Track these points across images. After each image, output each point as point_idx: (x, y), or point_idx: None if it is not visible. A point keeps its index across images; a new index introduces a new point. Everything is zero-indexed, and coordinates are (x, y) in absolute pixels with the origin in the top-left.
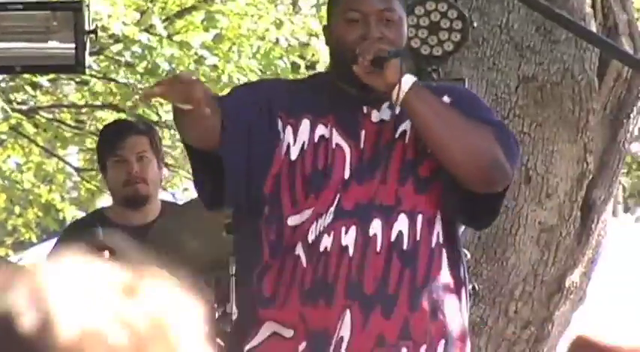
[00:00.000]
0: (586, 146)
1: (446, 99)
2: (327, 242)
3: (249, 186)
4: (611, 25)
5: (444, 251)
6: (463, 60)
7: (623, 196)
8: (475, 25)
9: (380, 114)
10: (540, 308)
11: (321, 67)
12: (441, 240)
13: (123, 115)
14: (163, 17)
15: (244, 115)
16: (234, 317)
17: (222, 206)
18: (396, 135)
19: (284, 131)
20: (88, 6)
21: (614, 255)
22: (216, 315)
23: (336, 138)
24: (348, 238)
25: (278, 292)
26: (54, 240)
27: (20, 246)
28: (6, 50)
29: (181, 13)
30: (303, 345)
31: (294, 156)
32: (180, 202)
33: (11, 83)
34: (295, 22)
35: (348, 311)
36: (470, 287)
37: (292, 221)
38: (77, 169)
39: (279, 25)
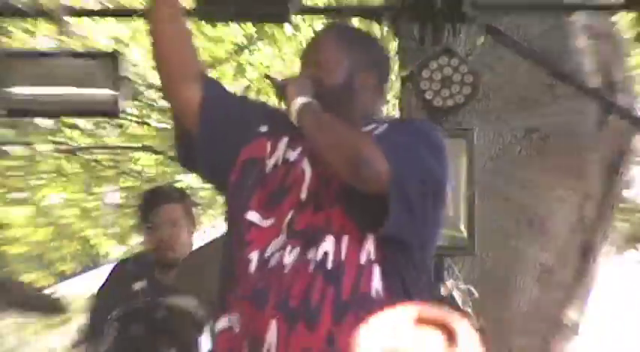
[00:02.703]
0: (585, 193)
1: (382, 127)
2: (275, 259)
3: (219, 152)
4: (610, 82)
5: (376, 266)
6: (473, 111)
7: (619, 239)
8: (484, 78)
9: None
10: (540, 341)
11: None
12: (372, 257)
13: (160, 157)
14: None
15: (230, 103)
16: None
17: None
18: None
19: (266, 140)
20: (124, 56)
21: (607, 292)
22: None
23: (303, 163)
24: (290, 256)
25: (239, 280)
26: (89, 273)
27: (58, 277)
28: (51, 95)
29: (213, 64)
30: (245, 343)
31: (268, 168)
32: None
33: (55, 126)
34: None
35: (274, 321)
36: (476, 323)
37: (249, 217)
38: (114, 205)
39: None
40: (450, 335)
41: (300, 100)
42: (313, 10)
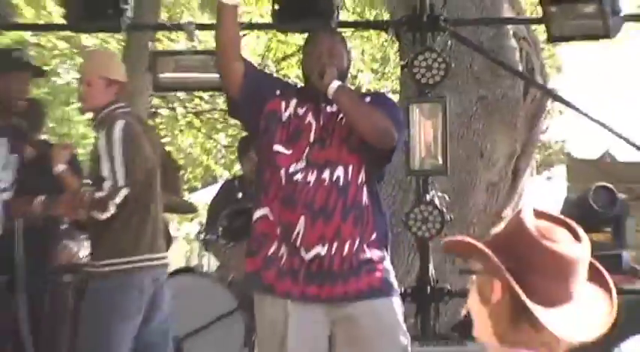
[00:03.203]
0: (515, 137)
1: (367, 99)
2: (299, 176)
3: (253, 109)
4: (530, 67)
5: (364, 187)
6: (445, 86)
7: (536, 165)
8: (453, 65)
9: (331, 107)
10: (488, 229)
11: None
12: (364, 181)
13: None
14: (274, 60)
15: (260, 76)
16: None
17: (237, 115)
18: (339, 120)
19: (281, 100)
20: None
21: (529, 199)
22: None
23: (309, 117)
24: (311, 177)
25: (270, 188)
26: (210, 187)
27: (190, 190)
28: (184, 77)
29: (284, 58)
30: (279, 229)
31: (284, 118)
32: None
33: (187, 97)
34: None
35: (302, 217)
36: (447, 217)
37: (276, 148)
38: (224, 146)
39: None
40: (575, 233)
41: (336, 83)
42: (345, 24)
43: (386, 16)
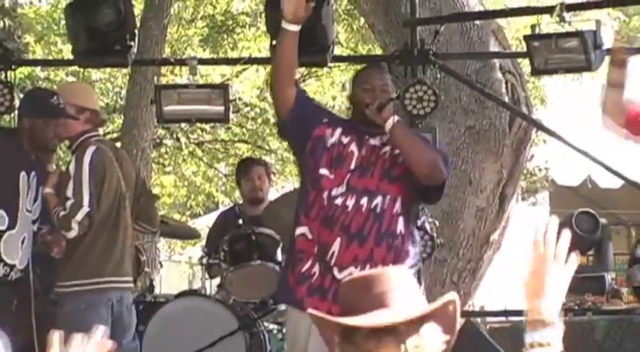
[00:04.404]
0: (502, 164)
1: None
2: (339, 200)
3: (302, 133)
4: (516, 98)
5: (400, 217)
6: (435, 117)
7: (521, 191)
8: (442, 97)
9: (374, 141)
10: (476, 252)
11: None
12: (399, 210)
13: (251, 145)
14: None
15: (310, 103)
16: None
17: (285, 137)
18: (381, 153)
19: (327, 128)
20: (231, 87)
21: (514, 223)
22: None
23: (352, 146)
24: (350, 201)
25: (313, 208)
26: (212, 213)
27: (193, 216)
28: (187, 110)
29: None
30: (316, 247)
31: (329, 144)
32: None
33: (190, 128)
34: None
35: (338, 238)
36: (438, 241)
37: (322, 172)
38: (225, 175)
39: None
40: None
41: (395, 117)
42: (340, 58)
43: (378, 51)
